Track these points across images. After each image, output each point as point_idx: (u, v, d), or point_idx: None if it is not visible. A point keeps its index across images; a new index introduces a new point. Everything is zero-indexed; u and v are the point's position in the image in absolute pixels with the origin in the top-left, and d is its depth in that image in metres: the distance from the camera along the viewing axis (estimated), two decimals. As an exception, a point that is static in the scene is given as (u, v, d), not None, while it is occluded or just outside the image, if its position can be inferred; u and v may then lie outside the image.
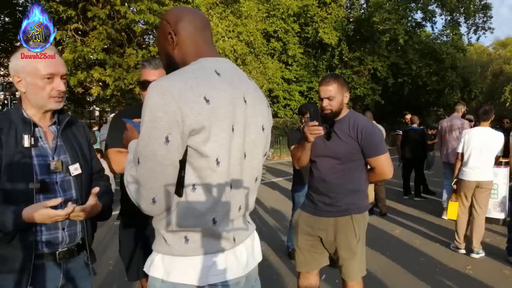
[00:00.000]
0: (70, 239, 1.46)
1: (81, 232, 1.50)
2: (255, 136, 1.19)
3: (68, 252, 1.46)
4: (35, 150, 1.40)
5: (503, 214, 5.38)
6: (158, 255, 1.13)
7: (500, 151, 4.23)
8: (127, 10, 9.89)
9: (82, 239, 1.52)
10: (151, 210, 1.06)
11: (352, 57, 21.70)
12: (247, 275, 1.20)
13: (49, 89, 1.42)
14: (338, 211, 2.25)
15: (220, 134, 1.05)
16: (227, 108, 1.06)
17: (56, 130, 1.50)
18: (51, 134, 1.48)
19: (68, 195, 1.46)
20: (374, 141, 2.21)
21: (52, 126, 1.50)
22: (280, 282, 3.50)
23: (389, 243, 4.59)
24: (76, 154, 1.51)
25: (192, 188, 1.06)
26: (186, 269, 1.08)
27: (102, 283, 3.42)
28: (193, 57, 1.14)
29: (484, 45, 42.48)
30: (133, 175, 1.06)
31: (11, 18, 14.02)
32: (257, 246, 1.30)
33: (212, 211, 1.09)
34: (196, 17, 1.18)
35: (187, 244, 1.09)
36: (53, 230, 1.41)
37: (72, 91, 11.78)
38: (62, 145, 1.48)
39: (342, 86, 2.23)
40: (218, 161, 1.06)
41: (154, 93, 1.01)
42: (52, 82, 1.43)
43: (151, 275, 1.13)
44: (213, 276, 1.09)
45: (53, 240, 1.42)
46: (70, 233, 1.46)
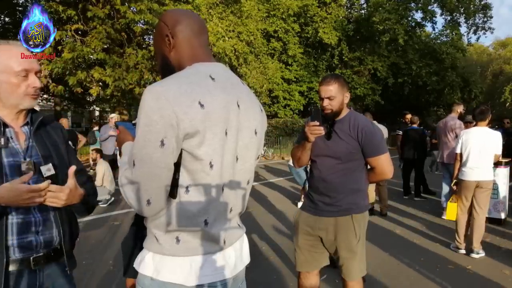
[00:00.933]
0: (45, 244, 1.37)
1: (58, 236, 1.41)
2: (248, 140, 1.21)
3: (44, 258, 1.37)
4: (5, 150, 1.34)
5: (503, 214, 5.38)
6: (148, 253, 1.14)
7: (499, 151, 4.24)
8: (127, 10, 9.88)
9: (60, 244, 1.43)
10: (145, 211, 1.08)
11: (352, 57, 21.72)
12: (234, 277, 1.22)
13: (25, 86, 1.36)
14: (338, 211, 2.25)
15: (214, 138, 1.07)
16: (220, 112, 1.08)
17: (28, 131, 1.43)
18: (23, 135, 1.41)
19: None
20: (374, 141, 2.21)
21: (25, 126, 1.43)
22: (280, 282, 3.50)
23: (389, 243, 4.59)
24: (49, 154, 1.43)
25: (186, 190, 1.08)
26: (176, 269, 1.10)
27: (102, 283, 3.43)
28: (188, 60, 1.16)
29: (484, 45, 42.55)
30: (128, 176, 1.07)
31: (11, 18, 14.02)
32: (246, 248, 1.32)
33: (204, 213, 1.11)
34: (194, 21, 1.20)
35: (178, 245, 1.11)
36: (26, 234, 1.32)
37: (72, 91, 11.78)
38: (34, 146, 1.41)
39: (343, 86, 2.24)
40: (212, 164, 1.08)
41: (149, 97, 1.02)
42: (27, 79, 1.36)
43: (140, 272, 1.15)
44: (202, 276, 1.12)
45: (26, 244, 1.32)
46: (45, 237, 1.37)
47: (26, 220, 1.33)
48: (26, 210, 1.33)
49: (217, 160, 1.09)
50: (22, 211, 1.32)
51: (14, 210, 1.31)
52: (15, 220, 1.31)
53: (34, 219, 1.35)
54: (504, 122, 9.86)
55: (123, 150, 1.27)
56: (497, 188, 5.32)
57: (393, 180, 3.66)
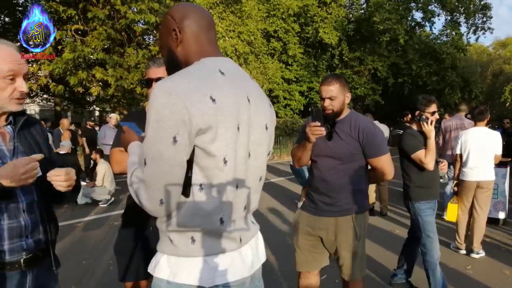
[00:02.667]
0: (34, 245, 1.38)
1: (44, 236, 1.42)
2: (259, 135, 1.18)
3: (33, 258, 1.38)
4: None
5: (503, 214, 5.38)
6: (163, 256, 1.11)
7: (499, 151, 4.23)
8: (127, 10, 9.88)
9: (45, 244, 1.43)
10: (158, 211, 1.04)
11: (352, 57, 21.72)
12: (252, 275, 1.20)
13: (11, 90, 1.31)
14: (338, 211, 2.25)
15: (227, 133, 1.05)
16: (232, 107, 1.06)
17: (12, 131, 1.39)
18: (7, 135, 1.38)
19: (30, 199, 1.37)
20: (375, 141, 2.21)
21: (7, 126, 1.39)
22: (280, 282, 3.49)
23: (389, 243, 4.59)
24: (34, 154, 1.39)
25: (199, 188, 1.06)
26: (192, 270, 1.07)
27: (102, 283, 3.42)
28: (196, 56, 1.14)
29: (484, 45, 42.53)
30: (138, 176, 1.04)
31: (11, 18, 14.03)
32: (261, 246, 1.29)
33: (220, 211, 1.08)
34: (202, 16, 1.17)
35: (193, 245, 1.08)
36: (17, 237, 1.32)
37: (72, 91, 11.78)
38: (19, 146, 1.38)
39: (344, 86, 2.24)
40: (226, 160, 1.06)
41: (159, 93, 0.99)
42: (14, 82, 1.31)
43: (156, 275, 1.11)
44: (219, 276, 1.09)
45: (17, 248, 1.33)
46: (34, 239, 1.38)
47: (16, 225, 1.32)
48: (17, 214, 1.32)
49: (231, 156, 1.07)
50: (14, 216, 1.32)
51: (6, 215, 1.30)
52: (6, 226, 1.30)
53: (24, 222, 1.34)
54: (504, 122, 9.85)
55: (129, 150, 1.23)
56: (497, 188, 5.32)
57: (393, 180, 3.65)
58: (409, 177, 3.10)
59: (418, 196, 3.05)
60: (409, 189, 3.11)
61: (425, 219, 3.03)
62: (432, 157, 2.88)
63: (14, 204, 1.32)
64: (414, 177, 3.06)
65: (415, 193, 3.06)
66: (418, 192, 3.05)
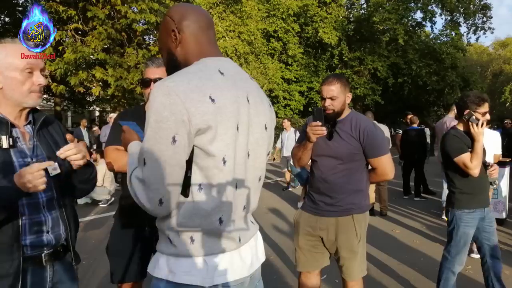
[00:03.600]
0: (55, 241, 1.41)
1: (64, 232, 1.45)
2: (259, 135, 1.19)
3: (53, 254, 1.42)
4: (14, 151, 1.34)
5: (503, 214, 5.38)
6: (163, 256, 1.11)
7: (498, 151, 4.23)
8: (127, 10, 9.87)
9: (66, 240, 1.47)
10: (158, 211, 1.04)
11: (352, 57, 21.71)
12: (251, 275, 1.20)
13: (29, 83, 1.36)
14: (339, 211, 2.25)
15: (226, 133, 1.05)
16: (232, 107, 1.06)
17: (31, 130, 1.43)
18: (27, 134, 1.42)
19: (49, 196, 1.41)
20: (376, 142, 2.21)
21: (27, 125, 1.44)
22: (280, 282, 3.49)
23: (389, 243, 4.59)
24: (53, 153, 1.42)
25: (199, 188, 1.06)
26: (192, 270, 1.07)
27: (102, 283, 3.42)
28: (195, 56, 1.14)
29: (484, 45, 42.58)
30: (138, 176, 1.04)
31: (11, 18, 14.01)
32: (261, 246, 1.30)
33: (219, 211, 1.08)
34: (201, 16, 1.17)
35: (192, 245, 1.08)
36: (38, 233, 1.36)
37: (73, 91, 11.77)
38: (38, 145, 1.42)
39: (345, 86, 2.23)
40: (225, 160, 1.06)
41: (159, 94, 1.00)
42: (32, 76, 1.36)
43: (155, 275, 1.12)
44: (218, 276, 1.09)
45: (38, 243, 1.36)
46: (55, 235, 1.41)
47: (37, 220, 1.37)
48: (37, 211, 1.36)
49: (230, 156, 1.07)
50: (34, 211, 1.36)
51: (27, 211, 1.34)
52: (27, 220, 1.34)
53: (45, 218, 1.39)
54: (505, 123, 9.87)
55: (129, 149, 1.23)
56: (497, 188, 5.32)
57: (393, 180, 3.66)
58: (453, 182, 2.70)
59: (462, 204, 2.65)
60: (452, 195, 2.72)
61: (463, 229, 2.65)
62: (478, 162, 2.52)
63: (34, 200, 1.35)
64: (458, 183, 2.67)
65: (459, 200, 2.66)
66: (462, 199, 2.65)
